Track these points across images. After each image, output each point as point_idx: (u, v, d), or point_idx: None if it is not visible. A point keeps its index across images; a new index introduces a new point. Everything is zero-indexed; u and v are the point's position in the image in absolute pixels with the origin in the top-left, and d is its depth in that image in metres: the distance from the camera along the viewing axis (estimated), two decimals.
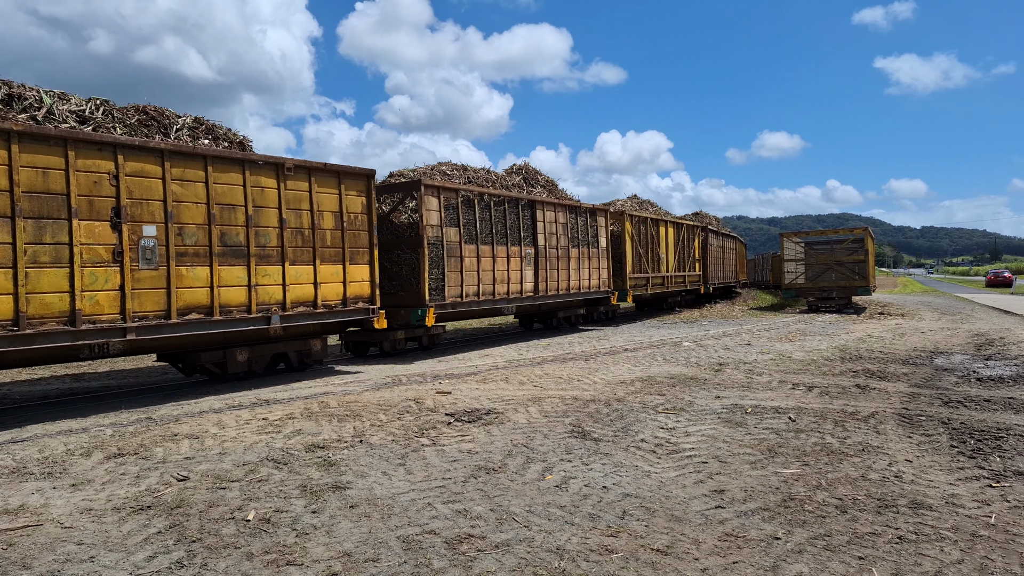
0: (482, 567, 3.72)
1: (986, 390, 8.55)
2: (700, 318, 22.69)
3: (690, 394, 8.49)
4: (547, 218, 16.67)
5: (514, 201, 15.51)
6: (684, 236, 25.66)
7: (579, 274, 18.00)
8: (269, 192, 9.99)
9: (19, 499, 4.92)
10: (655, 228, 22.97)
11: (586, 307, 19.96)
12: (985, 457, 5.65)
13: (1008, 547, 3.92)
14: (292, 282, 10.23)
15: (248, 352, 10.39)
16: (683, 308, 27.11)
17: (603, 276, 19.28)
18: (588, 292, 18.46)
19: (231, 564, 3.79)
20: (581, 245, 18.15)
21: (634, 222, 21.29)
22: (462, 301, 13.67)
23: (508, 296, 15.06)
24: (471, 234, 13.99)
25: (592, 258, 18.68)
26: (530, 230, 15.98)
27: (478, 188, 14.46)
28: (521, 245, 15.58)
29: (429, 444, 6.28)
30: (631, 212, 21.44)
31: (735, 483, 5.06)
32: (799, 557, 3.81)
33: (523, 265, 15.58)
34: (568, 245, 17.48)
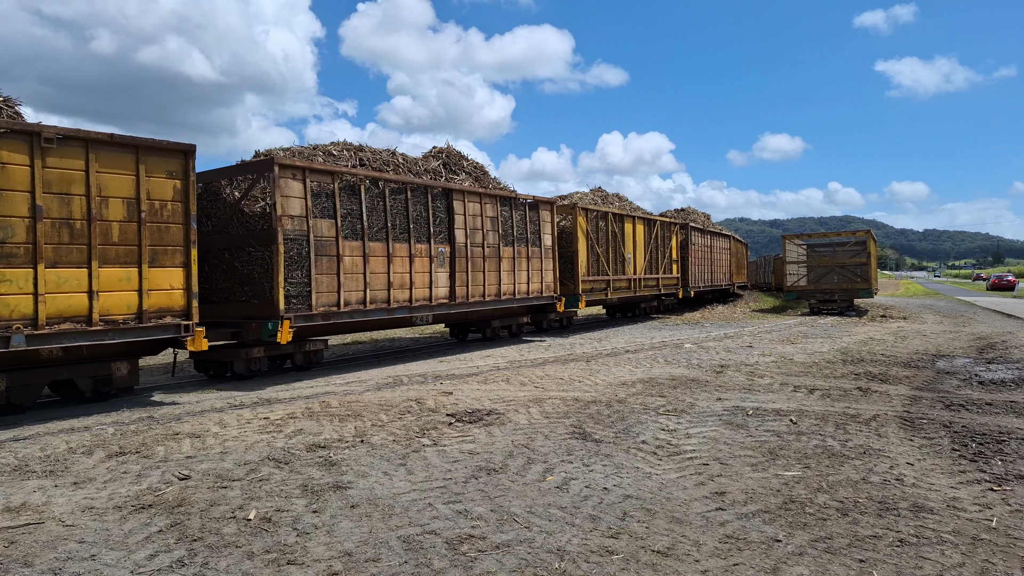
0: (483, 567, 3.72)
1: (988, 393, 8.54)
2: (702, 320, 22.67)
3: (691, 396, 8.49)
4: (470, 211, 13.99)
5: (421, 189, 12.81)
6: (658, 234, 23.07)
7: (514, 277, 15.38)
8: (15, 171, 7.53)
9: (21, 497, 4.93)
10: (618, 224, 20.24)
11: (533, 315, 17.58)
12: (986, 460, 5.65)
13: (1009, 551, 3.92)
14: (51, 291, 7.75)
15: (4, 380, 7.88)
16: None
17: (547, 279, 16.70)
18: (527, 298, 15.94)
19: (232, 563, 3.80)
20: (518, 243, 15.51)
21: (590, 217, 18.69)
22: (339, 311, 11.01)
23: (411, 304, 12.43)
24: (355, 228, 11.36)
25: (533, 258, 16.11)
26: (445, 224, 13.37)
27: (367, 172, 11.77)
28: (431, 242, 12.91)
29: (430, 444, 6.28)
30: (585, 206, 18.80)
31: (736, 485, 5.06)
32: (800, 559, 3.80)
33: (433, 267, 12.97)
34: (499, 243, 14.86)
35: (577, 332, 18.55)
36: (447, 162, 15.04)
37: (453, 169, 15.02)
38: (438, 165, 14.64)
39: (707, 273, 28.82)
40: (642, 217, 22.13)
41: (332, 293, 10.97)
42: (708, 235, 29.36)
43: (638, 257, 21.54)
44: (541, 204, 16.67)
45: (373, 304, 11.73)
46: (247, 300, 10.61)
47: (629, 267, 20.88)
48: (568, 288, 17.98)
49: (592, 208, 19.03)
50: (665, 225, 23.88)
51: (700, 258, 27.54)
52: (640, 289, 21.70)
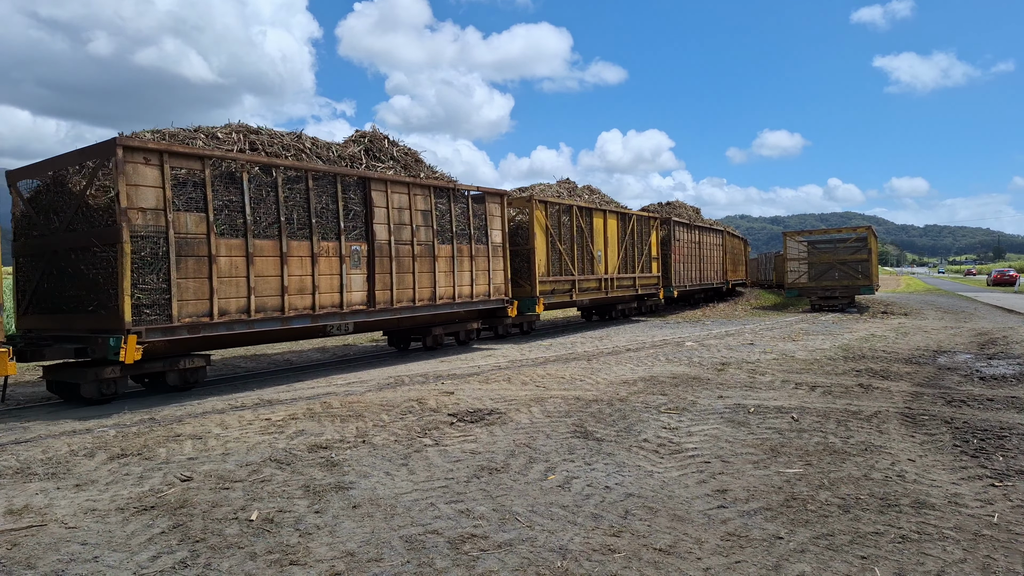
0: (485, 567, 3.73)
1: (989, 389, 8.53)
2: (703, 318, 22.67)
3: (693, 394, 8.49)
4: (395, 202, 12.17)
5: (328, 178, 10.97)
6: (634, 229, 21.08)
7: (454, 279, 13.54)
8: None
9: (23, 499, 4.94)
10: (586, 219, 18.42)
11: (488, 320, 15.97)
12: (988, 456, 5.64)
13: (1011, 546, 3.92)
14: None
15: None
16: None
17: (497, 281, 14.80)
18: (471, 302, 14.06)
19: (234, 564, 3.80)
20: (459, 240, 13.67)
21: (550, 211, 16.82)
22: (213, 321, 9.20)
23: (315, 312, 10.67)
24: (235, 224, 9.57)
25: (478, 257, 14.24)
26: (360, 219, 11.55)
27: (253, 157, 9.87)
28: (342, 239, 11.10)
29: (432, 444, 6.29)
30: (544, 198, 16.75)
31: (738, 483, 5.06)
32: (802, 557, 3.81)
33: (345, 268, 11.18)
34: (433, 240, 12.99)
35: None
36: (370, 148, 12.79)
37: (377, 156, 12.79)
38: (358, 151, 12.42)
39: (695, 271, 26.77)
40: (615, 211, 20.06)
41: (202, 301, 9.15)
42: (696, 230, 27.21)
43: (610, 255, 19.63)
44: (489, 196, 14.70)
45: (261, 313, 9.89)
46: (95, 310, 8.80)
47: (599, 266, 18.97)
48: (524, 290, 16.13)
49: (553, 201, 17.04)
50: (643, 220, 22.00)
51: (686, 255, 25.63)
52: (612, 290, 19.73)
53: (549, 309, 18.08)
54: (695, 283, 26.91)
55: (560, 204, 17.35)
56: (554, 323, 22.10)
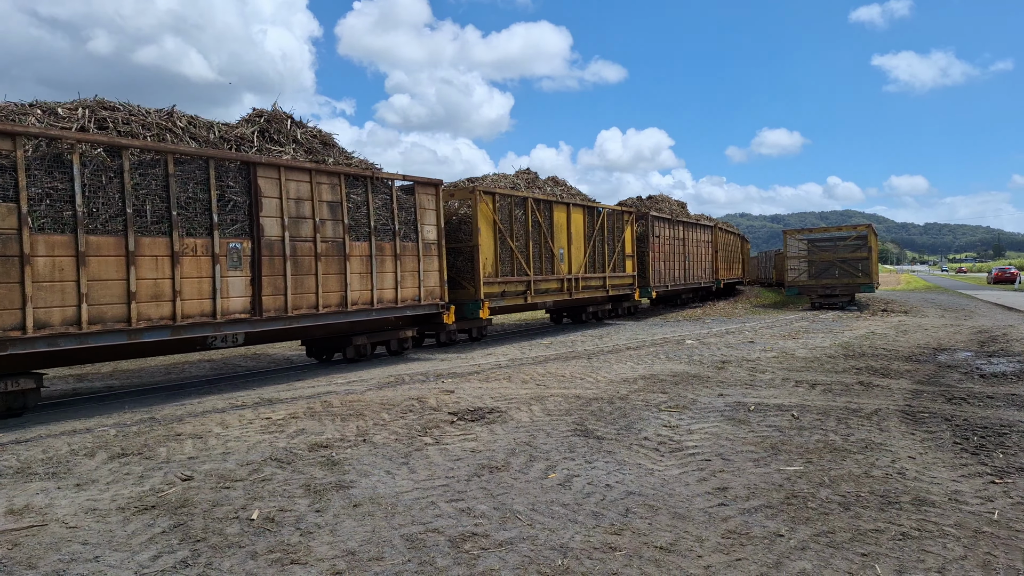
0: (486, 565, 3.73)
1: (989, 387, 8.54)
2: (703, 316, 22.67)
3: (693, 392, 8.49)
4: (291, 192, 10.39)
5: (197, 162, 9.17)
6: (604, 225, 19.22)
7: (372, 281, 11.64)
8: None
9: (24, 499, 4.94)
10: (544, 213, 16.63)
11: (428, 327, 13.94)
12: (988, 454, 5.65)
13: (1011, 543, 3.92)
14: None
15: None
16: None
17: (431, 283, 12.93)
18: (396, 307, 12.13)
19: (235, 563, 3.80)
20: (379, 237, 11.83)
21: (499, 203, 14.99)
22: (26, 336, 7.57)
23: (176, 322, 8.90)
24: (60, 216, 7.91)
25: (406, 257, 12.35)
26: (243, 211, 9.73)
27: (83, 136, 8.12)
28: (215, 235, 9.27)
29: (432, 443, 6.29)
30: (490, 189, 14.91)
31: (738, 481, 5.06)
32: (802, 554, 3.81)
33: (220, 269, 9.36)
34: (344, 237, 11.15)
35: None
36: (267, 129, 10.91)
37: (275, 138, 10.94)
38: (251, 132, 10.54)
39: (678, 270, 24.76)
40: (581, 204, 18.27)
41: (10, 311, 7.51)
42: (680, 226, 25.09)
43: (575, 252, 17.81)
44: (420, 187, 12.78)
45: (98, 324, 8.17)
46: None
47: (561, 265, 17.21)
48: (468, 292, 14.34)
49: (503, 192, 15.16)
50: (615, 215, 20.05)
51: (667, 252, 23.64)
52: (577, 291, 17.97)
53: (499, 313, 16.36)
54: (678, 283, 24.90)
55: (512, 196, 15.45)
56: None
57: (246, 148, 10.23)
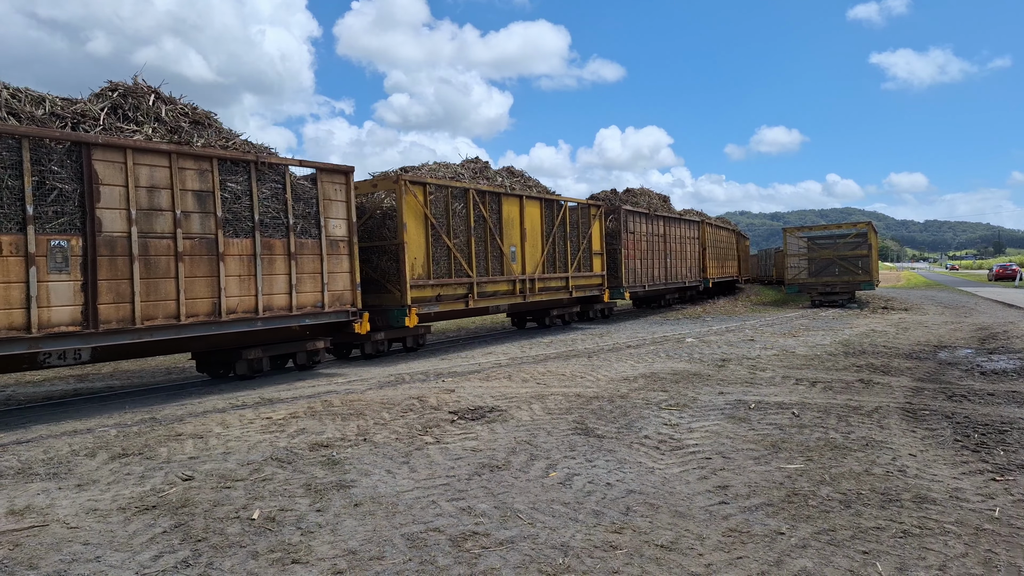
0: (487, 564, 3.73)
1: (990, 384, 8.53)
2: (703, 314, 22.66)
3: (693, 390, 8.49)
4: (142, 179, 8.67)
5: (9, 140, 7.62)
6: (567, 220, 17.42)
7: (257, 285, 9.83)
8: None
9: (25, 500, 4.94)
10: (491, 206, 14.75)
11: (327, 338, 11.77)
12: (989, 451, 5.65)
13: (1012, 540, 3.92)
14: None
15: None
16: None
17: (338, 287, 11.09)
18: (291, 315, 10.33)
19: (236, 563, 3.81)
20: (266, 232, 9.98)
21: (433, 195, 13.07)
22: None
23: None
24: None
25: (304, 256, 10.52)
26: (73, 201, 8.10)
27: None
28: (29, 231, 7.72)
29: (433, 442, 6.29)
30: (420, 178, 12.89)
31: (739, 479, 5.06)
32: (803, 552, 3.81)
33: (36, 271, 7.75)
34: (217, 232, 9.32)
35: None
36: (121, 105, 9.27)
37: (133, 116, 9.28)
38: (99, 109, 8.91)
39: (658, 268, 22.95)
40: (537, 197, 16.38)
41: None
42: (659, 221, 23.11)
43: (530, 251, 16.00)
44: (324, 174, 10.95)
45: None
46: None
47: (513, 264, 15.33)
48: (393, 296, 12.57)
49: (436, 183, 13.22)
50: (580, 209, 18.21)
51: (644, 250, 21.72)
52: (533, 293, 16.13)
53: (438, 320, 14.73)
54: (658, 282, 23.00)
55: (448, 187, 13.49)
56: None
57: (88, 127, 8.59)
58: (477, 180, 15.34)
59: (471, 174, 15.65)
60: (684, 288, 26.65)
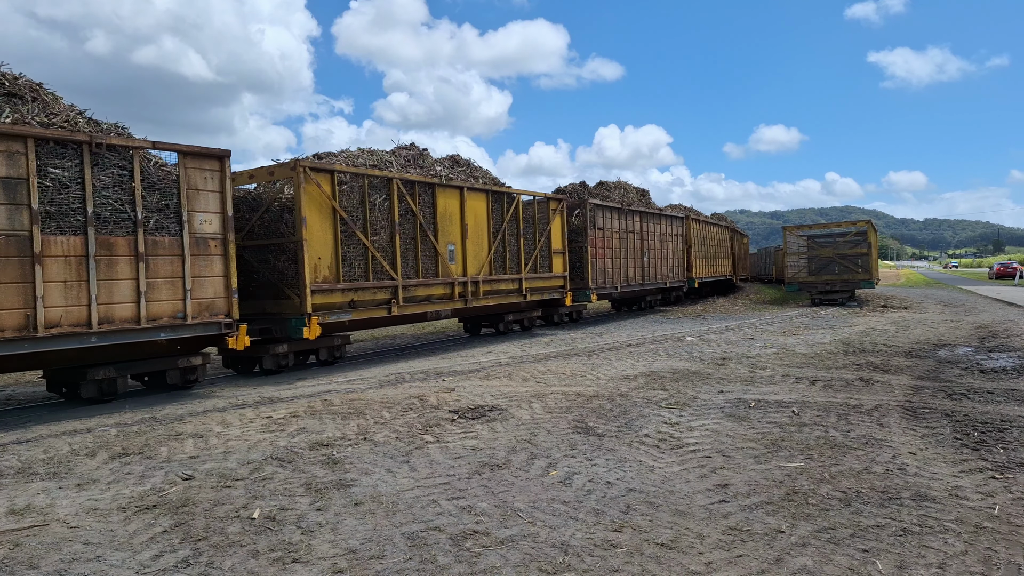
0: (487, 563, 3.73)
1: (989, 382, 8.54)
2: (703, 313, 22.67)
3: (693, 389, 8.50)
4: None
5: None
6: (520, 215, 15.62)
7: (92, 292, 8.10)
8: None
9: (25, 499, 4.94)
10: (424, 198, 12.84)
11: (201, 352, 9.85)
12: (988, 449, 5.65)
13: (1012, 538, 3.92)
14: None
15: None
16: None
17: (207, 293, 9.30)
18: (142, 329, 8.57)
19: (237, 562, 3.81)
20: (105, 228, 8.26)
21: (344, 185, 11.27)
22: None
23: None
24: None
25: (158, 257, 8.76)
26: None
27: None
28: None
29: (433, 441, 6.29)
30: (326, 166, 10.97)
31: (739, 477, 5.07)
32: (803, 550, 3.81)
33: None
34: (31, 228, 7.65)
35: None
36: None
37: None
38: None
39: (633, 268, 21.09)
40: (482, 189, 14.43)
41: None
42: (634, 216, 21.18)
43: (473, 249, 14.10)
44: (189, 159, 9.15)
45: None
46: None
47: (452, 265, 13.51)
48: (292, 304, 10.67)
49: (347, 170, 11.29)
50: (537, 203, 16.50)
51: (616, 248, 19.97)
52: (478, 297, 14.22)
53: (353, 329, 12.81)
54: (634, 282, 21.10)
55: (365, 176, 11.53)
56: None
57: None
58: (408, 169, 13.18)
59: (403, 162, 13.38)
60: (666, 289, 24.80)
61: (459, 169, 14.79)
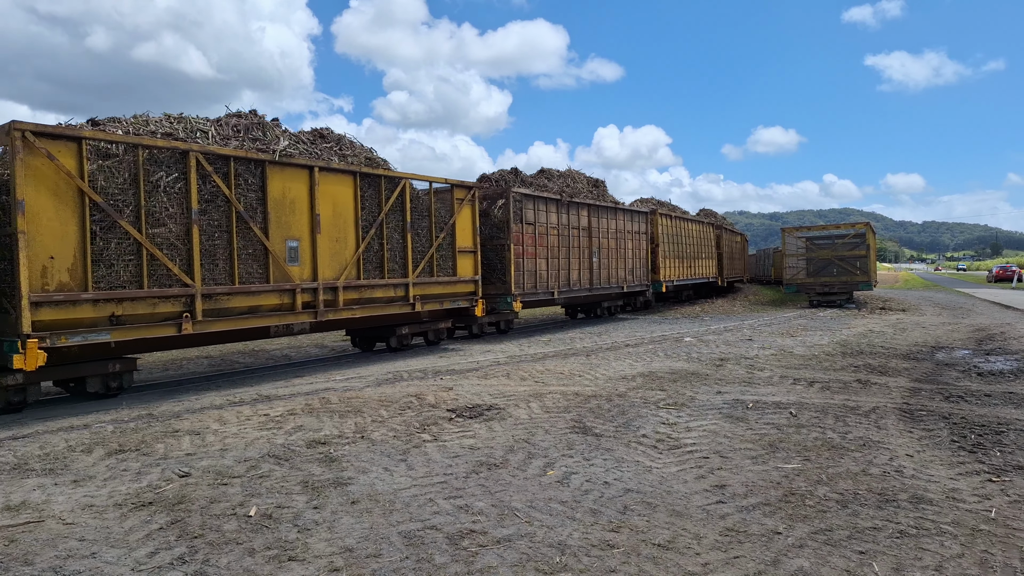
0: (484, 562, 3.72)
1: (987, 385, 8.55)
2: (701, 313, 22.67)
3: (691, 389, 8.50)
4: None
5: None
6: (406, 205, 12.30)
7: None
8: None
9: (20, 495, 4.93)
10: (249, 180, 9.85)
11: None
12: (985, 451, 5.66)
13: (1008, 541, 3.92)
14: None
15: None
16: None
17: None
18: None
19: (233, 560, 3.80)
20: None
21: (105, 157, 8.32)
22: None
23: None
24: None
25: None
26: None
27: None
28: None
29: (431, 440, 6.29)
30: (66, 132, 7.90)
31: (736, 478, 5.07)
32: (800, 551, 3.81)
33: None
34: None
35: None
36: None
37: None
38: None
39: (578, 271, 18.14)
40: (346, 171, 11.22)
41: None
42: (581, 210, 18.31)
43: (332, 247, 11.03)
44: None
45: None
46: None
47: (294, 267, 10.41)
48: (7, 320, 7.80)
49: (112, 139, 8.37)
50: (437, 192, 13.55)
51: (553, 247, 16.95)
52: (336, 309, 11.01)
53: (129, 354, 9.31)
54: (579, 287, 18.20)
55: (141, 147, 8.56)
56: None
57: None
58: (232, 143, 10.02)
59: (229, 132, 10.26)
60: (625, 294, 21.80)
61: (324, 146, 11.66)
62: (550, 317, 22.89)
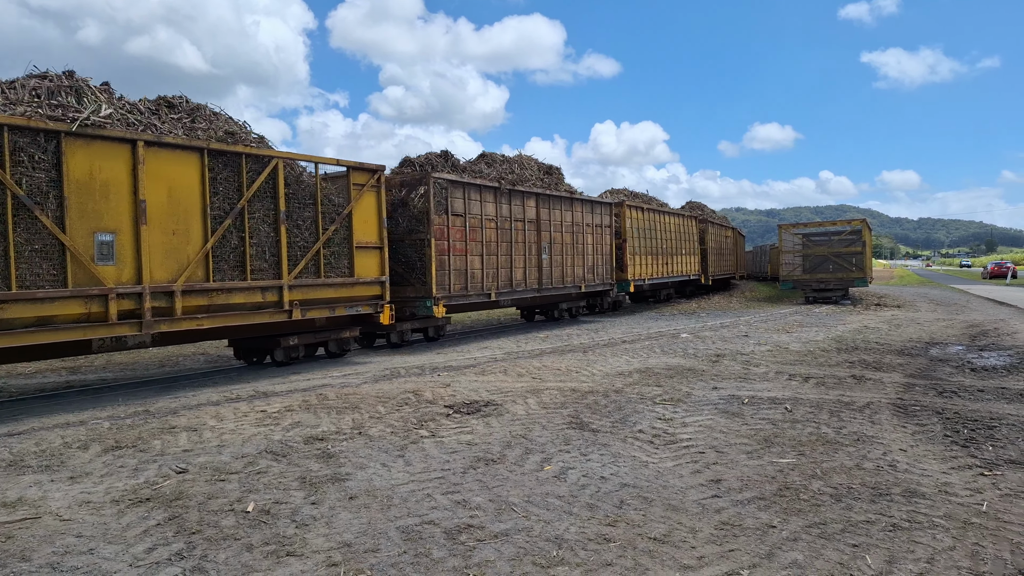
0: (481, 557, 3.75)
1: (980, 380, 8.60)
2: (698, 310, 22.73)
3: (687, 385, 8.53)
4: None
5: None
6: (276, 189, 10.08)
7: None
8: None
9: (17, 492, 4.93)
10: (28, 154, 7.51)
11: None
12: (978, 446, 5.70)
13: (999, 534, 3.96)
14: None
15: None
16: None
17: None
18: None
19: (231, 555, 3.81)
20: None
21: None
22: None
23: None
24: None
25: None
26: None
27: None
28: None
29: (428, 436, 6.30)
30: None
31: (732, 473, 5.10)
32: (794, 545, 3.84)
33: None
34: None
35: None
36: None
37: None
38: None
39: (522, 269, 15.83)
40: (192, 147, 9.02)
41: None
42: (527, 200, 15.97)
43: (164, 240, 8.84)
44: None
45: None
46: None
47: (108, 266, 8.29)
48: None
49: None
50: (329, 176, 11.77)
51: (489, 242, 14.71)
52: (173, 316, 8.91)
53: None
54: (523, 287, 15.89)
55: None
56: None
57: None
58: (36, 106, 7.93)
59: (28, 97, 8.03)
60: (585, 294, 19.48)
61: (171, 117, 9.47)
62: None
